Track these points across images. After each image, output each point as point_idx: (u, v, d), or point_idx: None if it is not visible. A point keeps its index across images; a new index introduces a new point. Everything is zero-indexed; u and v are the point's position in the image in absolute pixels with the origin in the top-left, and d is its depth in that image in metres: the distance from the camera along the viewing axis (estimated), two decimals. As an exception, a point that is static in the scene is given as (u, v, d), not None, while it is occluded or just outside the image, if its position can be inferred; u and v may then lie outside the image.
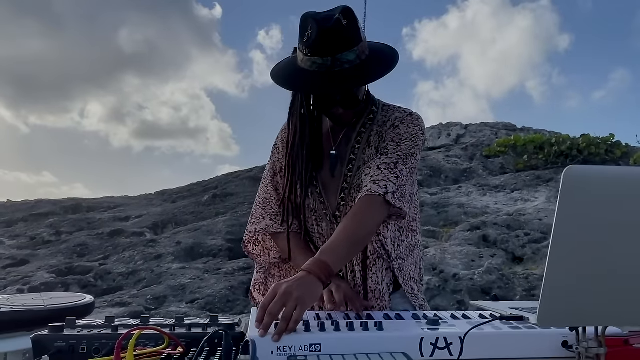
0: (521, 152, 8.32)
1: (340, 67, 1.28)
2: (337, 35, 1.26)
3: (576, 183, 0.62)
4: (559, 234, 0.64)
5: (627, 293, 0.69)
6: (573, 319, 0.71)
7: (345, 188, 1.40)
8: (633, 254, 0.66)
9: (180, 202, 8.31)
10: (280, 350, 0.97)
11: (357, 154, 1.41)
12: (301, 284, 1.07)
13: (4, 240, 6.45)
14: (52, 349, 0.96)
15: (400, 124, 1.40)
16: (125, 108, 47.93)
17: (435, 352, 1.00)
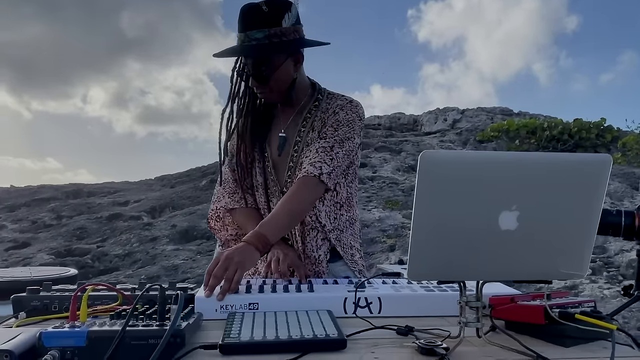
0: (514, 137, 8.43)
1: (248, 42, 1.45)
2: (250, 16, 1.45)
3: (429, 165, 0.78)
4: (419, 206, 0.80)
5: (479, 253, 0.85)
6: (436, 275, 0.87)
7: (291, 167, 1.56)
8: (479, 221, 0.82)
9: (179, 187, 8.49)
10: (223, 308, 1.14)
11: (302, 136, 1.57)
12: (241, 251, 1.24)
13: (7, 224, 6.66)
14: (28, 307, 1.13)
15: (340, 110, 1.55)
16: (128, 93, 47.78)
17: (357, 310, 1.17)
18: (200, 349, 0.91)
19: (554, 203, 0.82)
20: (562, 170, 0.81)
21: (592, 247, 0.88)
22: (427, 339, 0.97)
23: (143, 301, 1.09)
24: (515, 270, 0.88)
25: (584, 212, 0.83)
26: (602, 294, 3.05)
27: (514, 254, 0.85)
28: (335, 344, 0.92)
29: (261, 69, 1.49)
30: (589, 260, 0.88)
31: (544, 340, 1.00)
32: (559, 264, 0.86)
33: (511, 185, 0.80)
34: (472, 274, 0.88)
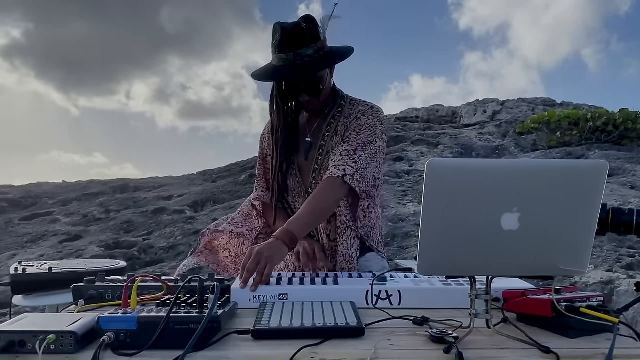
0: (555, 129, 8.24)
1: (301, 60, 1.54)
2: (296, 35, 1.53)
3: (435, 172, 0.86)
4: (426, 209, 0.89)
5: (483, 251, 0.93)
6: (443, 271, 0.95)
7: (316, 169, 1.67)
8: (483, 222, 0.90)
9: (220, 182, 8.74)
10: (256, 298, 1.26)
11: (326, 140, 1.67)
12: (270, 247, 1.35)
13: (60, 218, 7.07)
14: (86, 295, 1.28)
15: (362, 115, 1.64)
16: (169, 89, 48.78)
17: (378, 302, 1.26)
18: (234, 334, 1.03)
19: (553, 206, 0.89)
20: (561, 175, 0.88)
21: (592, 246, 0.95)
22: (440, 328, 1.06)
23: (184, 291, 1.22)
24: (518, 267, 0.95)
25: (582, 214, 0.90)
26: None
27: (516, 252, 0.93)
28: (354, 331, 1.02)
29: (315, 83, 1.59)
30: (589, 258, 0.95)
31: (551, 332, 1.07)
32: (560, 261, 0.93)
33: (512, 190, 0.88)
34: (477, 270, 0.96)
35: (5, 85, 76.50)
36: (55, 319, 1.03)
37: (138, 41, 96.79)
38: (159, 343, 0.95)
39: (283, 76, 1.58)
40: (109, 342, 0.94)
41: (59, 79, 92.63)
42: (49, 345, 0.92)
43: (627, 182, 5.45)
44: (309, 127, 1.72)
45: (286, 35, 1.52)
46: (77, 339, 0.94)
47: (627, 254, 3.65)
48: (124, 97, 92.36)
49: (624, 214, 1.21)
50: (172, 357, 0.91)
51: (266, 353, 0.95)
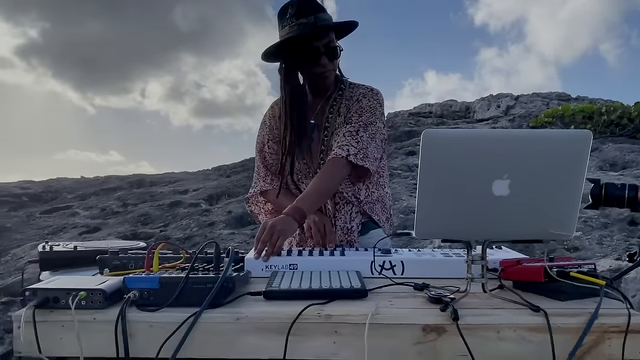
0: (569, 123, 8.22)
1: (321, 22, 1.63)
2: (312, 3, 1.64)
3: (430, 142, 0.94)
4: (423, 176, 0.96)
5: (476, 216, 1.00)
6: (439, 234, 1.03)
7: (323, 150, 1.74)
8: (475, 189, 0.97)
9: (234, 177, 8.87)
10: (268, 267, 1.35)
11: (330, 122, 1.74)
12: (283, 221, 1.44)
13: (80, 211, 7.25)
14: (111, 265, 1.38)
15: (363, 98, 1.72)
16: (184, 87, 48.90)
17: (382, 272, 1.34)
18: (247, 295, 1.12)
19: (541, 173, 0.96)
20: (547, 144, 0.95)
21: (578, 211, 1.02)
22: (439, 292, 1.13)
23: (202, 260, 1.31)
24: (510, 231, 1.03)
25: (569, 181, 0.97)
26: (647, 276, 3.06)
27: (507, 217, 1.00)
28: (358, 293, 1.10)
29: (335, 46, 1.68)
30: (575, 222, 1.02)
31: (544, 296, 1.14)
32: (548, 225, 1.00)
33: (502, 158, 0.95)
34: (471, 235, 1.04)
35: (23, 84, 78.40)
36: (86, 280, 1.13)
37: (152, 40, 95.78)
38: (178, 301, 1.04)
39: (310, 34, 1.63)
40: (133, 299, 1.04)
41: (75, 78, 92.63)
42: (80, 301, 1.02)
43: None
44: (312, 109, 1.80)
45: (302, 2, 1.63)
46: (106, 296, 1.03)
47: (637, 243, 3.68)
48: (138, 95, 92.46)
49: (616, 188, 1.28)
50: (191, 313, 1.00)
51: (277, 309, 1.04)
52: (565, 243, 3.86)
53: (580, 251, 3.66)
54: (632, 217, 4.17)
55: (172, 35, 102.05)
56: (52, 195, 8.74)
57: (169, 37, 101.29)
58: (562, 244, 3.88)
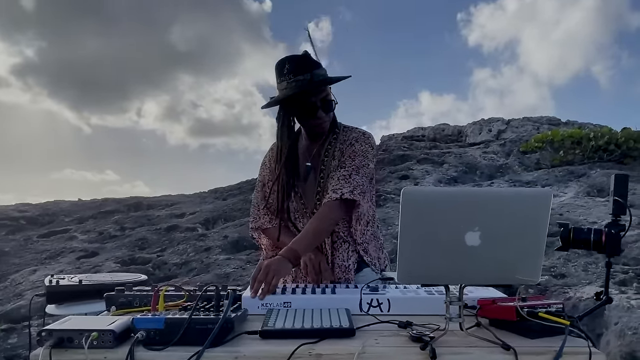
0: (558, 148, 8.39)
1: (317, 78, 1.75)
2: (307, 60, 1.75)
3: (410, 198, 1.06)
4: (403, 228, 1.08)
5: (451, 263, 1.12)
6: (419, 279, 1.14)
7: (319, 191, 1.86)
8: (450, 239, 1.09)
9: (230, 200, 8.97)
10: (264, 305, 1.45)
11: (325, 164, 1.86)
12: (277, 262, 1.55)
13: (77, 235, 7.31)
14: (117, 303, 1.48)
15: (355, 142, 1.85)
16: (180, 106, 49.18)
17: (370, 309, 1.45)
18: (245, 334, 1.23)
19: (508, 225, 1.08)
20: (512, 201, 1.07)
21: (542, 259, 1.13)
22: (420, 330, 1.24)
23: (203, 299, 1.41)
24: (481, 277, 1.14)
25: (532, 233, 1.09)
26: (629, 304, 3.16)
27: (479, 264, 1.11)
28: (346, 332, 1.21)
29: (330, 100, 1.81)
30: (540, 269, 1.13)
31: (516, 334, 1.25)
32: (516, 272, 1.12)
33: (473, 212, 1.07)
34: (448, 280, 1.15)
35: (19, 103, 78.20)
36: (96, 320, 1.23)
37: (149, 59, 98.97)
38: (182, 340, 1.14)
39: (307, 91, 1.74)
40: (141, 339, 1.14)
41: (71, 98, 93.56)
42: (92, 341, 1.12)
43: (627, 200, 5.58)
44: (308, 153, 1.92)
45: (299, 60, 1.74)
46: (115, 336, 1.13)
47: (620, 270, 3.79)
48: (135, 114, 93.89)
49: (583, 232, 1.39)
50: (193, 352, 1.10)
51: (271, 349, 1.14)
52: (552, 270, 3.97)
53: (567, 278, 3.77)
54: (617, 244, 4.28)
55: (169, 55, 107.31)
56: (50, 218, 8.81)
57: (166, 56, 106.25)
58: (549, 271, 3.99)
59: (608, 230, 1.36)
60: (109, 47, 69.46)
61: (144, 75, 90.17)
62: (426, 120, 60.54)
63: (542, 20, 78.71)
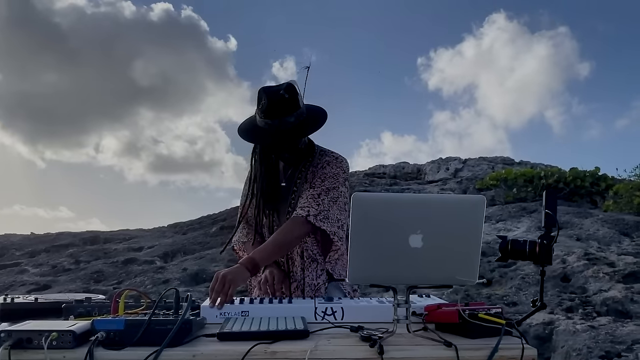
0: (511, 185, 8.77)
1: (284, 126, 1.82)
2: (280, 105, 1.81)
3: (359, 203, 1.16)
4: (354, 231, 1.17)
5: (397, 264, 1.21)
6: (368, 279, 1.23)
7: (289, 211, 1.95)
8: (395, 241, 1.19)
9: (191, 234, 8.87)
10: (221, 315, 1.50)
11: (298, 186, 1.96)
12: (234, 271, 1.61)
13: (29, 269, 7.05)
14: (76, 313, 1.50)
15: (327, 165, 1.95)
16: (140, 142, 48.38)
17: (325, 317, 1.52)
18: (203, 337, 1.27)
19: (447, 229, 1.19)
20: (450, 206, 1.18)
21: (479, 261, 1.24)
22: (370, 332, 1.31)
23: (161, 307, 1.45)
24: (425, 277, 1.24)
25: (469, 236, 1.20)
26: (575, 328, 3.32)
27: (422, 265, 1.21)
28: (300, 333, 1.27)
29: (295, 144, 1.89)
30: (477, 270, 1.24)
31: (458, 335, 1.34)
32: (455, 273, 1.22)
33: (416, 216, 1.18)
34: (395, 280, 1.24)
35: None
36: (56, 323, 1.25)
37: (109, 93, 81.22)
38: (142, 340, 1.18)
39: (270, 141, 1.86)
40: (101, 339, 1.17)
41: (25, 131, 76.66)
42: (52, 341, 1.14)
43: (574, 234, 5.87)
44: (284, 174, 2.01)
45: (272, 104, 1.80)
46: (75, 337, 1.16)
47: (568, 298, 3.97)
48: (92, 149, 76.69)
49: (519, 244, 1.52)
50: (152, 351, 1.14)
51: (229, 348, 1.19)
52: (504, 299, 4.12)
53: (518, 306, 3.92)
54: (564, 273, 4.50)
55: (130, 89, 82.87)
56: (0, 252, 8.47)
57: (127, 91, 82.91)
58: (502, 299, 4.13)
59: (541, 241, 1.50)
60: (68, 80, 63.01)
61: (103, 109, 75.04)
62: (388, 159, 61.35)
63: (498, 67, 75.94)
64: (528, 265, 4.65)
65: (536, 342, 3.30)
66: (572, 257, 4.72)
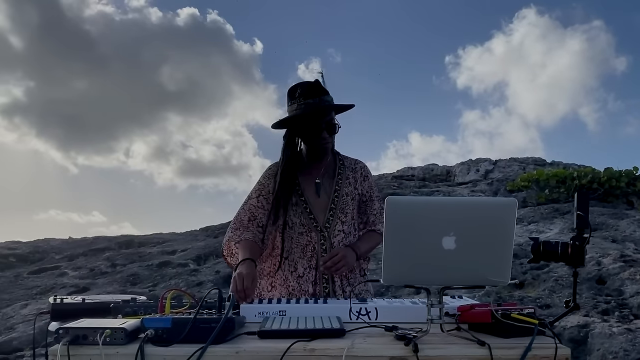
0: (543, 187, 8.62)
1: (324, 103, 1.96)
2: (316, 86, 1.98)
3: (393, 206, 1.20)
4: (387, 233, 1.22)
5: (430, 265, 1.25)
6: (402, 281, 1.27)
7: (332, 208, 2.04)
8: (429, 243, 1.23)
9: (222, 237, 9.01)
10: (260, 314, 1.56)
11: (340, 185, 2.07)
12: (244, 267, 1.75)
13: (68, 272, 7.31)
14: (123, 312, 1.58)
15: (368, 174, 2.14)
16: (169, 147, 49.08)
17: (359, 317, 1.56)
18: (244, 335, 1.34)
19: (479, 231, 1.22)
20: (482, 209, 1.22)
21: (511, 262, 1.27)
22: (404, 331, 1.36)
23: (204, 307, 1.52)
24: (457, 278, 1.28)
25: (501, 238, 1.23)
26: (611, 331, 3.27)
27: (454, 266, 1.25)
28: (337, 332, 1.32)
29: (334, 123, 2.01)
30: (509, 271, 1.27)
31: (491, 335, 1.36)
32: (487, 274, 1.26)
33: (448, 219, 1.21)
34: (427, 281, 1.28)
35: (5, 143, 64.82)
36: (108, 321, 1.34)
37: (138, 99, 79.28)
38: (187, 338, 1.25)
39: (315, 113, 1.95)
40: (150, 337, 1.24)
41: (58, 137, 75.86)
42: (106, 337, 1.22)
43: (609, 236, 5.75)
44: (314, 171, 2.08)
45: (309, 86, 1.97)
46: (127, 334, 1.24)
47: (603, 300, 3.91)
48: (123, 155, 74.98)
49: (551, 245, 1.54)
50: (197, 348, 1.21)
51: (270, 345, 1.25)
52: (538, 301, 4.08)
53: (552, 308, 3.88)
54: (599, 276, 4.42)
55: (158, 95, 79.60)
56: (40, 255, 8.79)
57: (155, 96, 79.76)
58: (535, 302, 4.09)
59: (573, 242, 1.51)
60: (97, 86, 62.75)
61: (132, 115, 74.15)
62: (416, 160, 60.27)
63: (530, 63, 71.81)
64: (561, 267, 4.58)
65: (571, 345, 3.26)
66: (607, 259, 4.64)
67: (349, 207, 2.06)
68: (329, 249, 2.00)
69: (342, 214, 2.03)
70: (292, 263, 2.02)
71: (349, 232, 2.05)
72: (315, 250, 2.00)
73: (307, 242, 2.02)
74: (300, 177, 2.07)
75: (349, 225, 2.05)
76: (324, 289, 1.98)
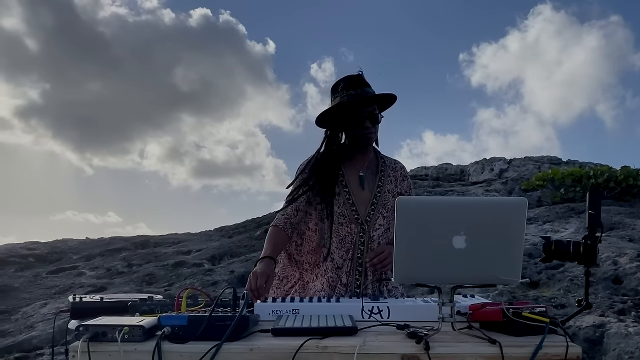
0: (559, 186, 8.54)
1: (367, 94, 2.01)
2: (361, 79, 2.04)
3: (404, 206, 1.22)
4: (398, 233, 1.24)
5: (441, 264, 1.26)
6: (413, 279, 1.29)
7: (375, 202, 2.07)
8: (439, 242, 1.24)
9: (236, 237, 9.09)
10: (274, 312, 1.59)
11: (382, 181, 2.11)
12: (261, 266, 1.77)
13: (86, 271, 7.43)
14: (140, 310, 1.62)
15: (407, 175, 2.20)
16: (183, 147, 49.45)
17: (371, 316, 1.58)
18: (258, 332, 1.36)
19: (489, 230, 1.24)
20: (493, 208, 1.23)
21: (522, 261, 1.28)
22: (416, 329, 1.37)
23: (219, 305, 1.55)
24: (468, 277, 1.29)
25: (511, 237, 1.24)
26: (627, 331, 3.24)
27: (465, 265, 1.26)
28: (349, 330, 1.34)
29: (377, 113, 2.05)
30: (520, 270, 1.28)
31: (503, 333, 1.37)
32: (498, 272, 1.27)
33: (459, 218, 1.23)
34: (438, 280, 1.30)
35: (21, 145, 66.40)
36: (126, 319, 1.37)
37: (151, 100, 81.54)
38: (203, 335, 1.28)
39: (358, 102, 1.99)
40: (167, 334, 1.28)
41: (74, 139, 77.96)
42: (124, 335, 1.26)
43: (626, 235, 5.69)
44: (357, 164, 2.11)
45: (352, 78, 2.03)
46: (144, 331, 1.27)
47: (620, 300, 3.87)
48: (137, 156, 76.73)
49: (563, 244, 1.54)
50: (212, 345, 1.24)
51: (283, 343, 1.28)
52: (552, 301, 4.05)
53: (567, 308, 3.85)
54: (615, 275, 4.38)
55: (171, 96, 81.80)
56: (58, 255, 8.94)
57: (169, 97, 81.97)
58: (550, 301, 4.07)
59: (585, 241, 1.51)
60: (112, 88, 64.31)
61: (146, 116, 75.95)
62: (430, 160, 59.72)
63: (545, 60, 71.38)
64: (577, 267, 4.55)
65: (586, 344, 3.24)
66: (624, 259, 4.59)
67: (390, 203, 2.11)
68: (367, 242, 2.04)
69: (383, 209, 2.09)
70: (330, 254, 2.05)
71: (387, 228, 2.10)
72: (354, 242, 2.04)
73: (347, 234, 2.05)
74: (344, 169, 2.11)
75: (388, 220, 2.10)
76: (356, 280, 2.02)
